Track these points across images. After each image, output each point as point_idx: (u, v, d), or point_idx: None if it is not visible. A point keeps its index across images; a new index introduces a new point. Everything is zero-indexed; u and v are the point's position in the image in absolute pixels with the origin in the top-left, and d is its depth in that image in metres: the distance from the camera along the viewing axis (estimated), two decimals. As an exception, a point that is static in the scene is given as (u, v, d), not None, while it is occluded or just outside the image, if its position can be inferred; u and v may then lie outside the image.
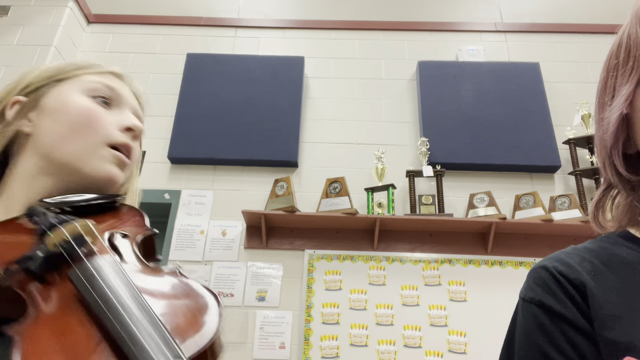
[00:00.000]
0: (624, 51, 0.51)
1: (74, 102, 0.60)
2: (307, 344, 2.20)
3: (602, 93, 0.54)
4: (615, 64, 0.52)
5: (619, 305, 0.46)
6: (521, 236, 2.41)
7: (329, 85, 2.88)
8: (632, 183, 0.52)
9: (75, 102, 0.61)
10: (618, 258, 0.50)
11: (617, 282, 0.48)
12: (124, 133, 0.62)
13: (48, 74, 0.64)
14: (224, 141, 2.60)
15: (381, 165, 2.46)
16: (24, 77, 0.64)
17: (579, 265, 0.50)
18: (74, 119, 0.59)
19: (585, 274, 0.49)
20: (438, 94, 2.73)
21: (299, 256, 2.41)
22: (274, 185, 2.47)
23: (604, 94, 0.53)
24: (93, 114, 0.60)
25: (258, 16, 3.11)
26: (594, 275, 0.49)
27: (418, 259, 2.38)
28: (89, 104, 0.61)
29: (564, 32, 2.99)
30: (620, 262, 0.50)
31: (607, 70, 0.54)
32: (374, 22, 3.08)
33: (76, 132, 0.59)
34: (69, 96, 0.61)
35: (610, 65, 0.53)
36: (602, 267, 0.50)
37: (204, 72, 2.80)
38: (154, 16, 3.08)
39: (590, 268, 0.50)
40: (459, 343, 2.18)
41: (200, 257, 2.41)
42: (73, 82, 0.63)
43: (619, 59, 0.52)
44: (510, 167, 2.55)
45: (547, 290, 0.50)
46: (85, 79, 0.63)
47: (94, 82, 0.62)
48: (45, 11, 2.81)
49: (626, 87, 0.49)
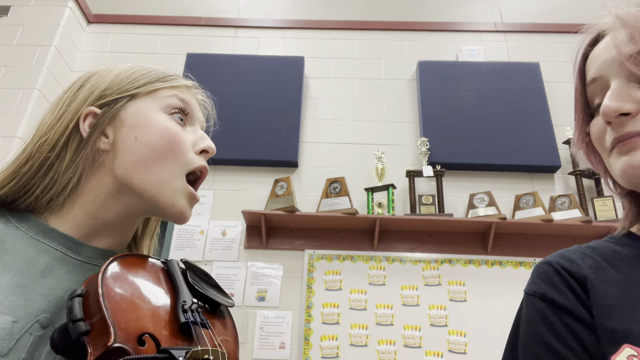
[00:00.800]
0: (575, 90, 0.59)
1: (156, 121, 0.57)
2: (307, 344, 2.20)
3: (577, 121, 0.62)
4: (575, 98, 0.60)
5: (618, 296, 0.48)
6: (521, 236, 2.41)
7: (329, 85, 2.88)
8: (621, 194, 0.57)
9: (157, 121, 0.57)
10: (619, 255, 0.53)
11: (616, 276, 0.50)
12: (199, 155, 0.60)
13: (123, 85, 0.59)
14: (224, 141, 2.60)
15: (381, 165, 2.46)
16: (95, 84, 0.59)
17: (580, 261, 0.53)
18: (156, 141, 0.56)
19: (586, 268, 0.52)
20: (438, 94, 2.73)
21: (299, 256, 2.41)
22: (274, 185, 2.47)
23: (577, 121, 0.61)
24: (174, 136, 0.57)
25: (258, 16, 3.11)
26: (595, 269, 0.51)
27: (418, 259, 2.38)
28: (169, 125, 0.57)
29: (564, 32, 2.99)
30: (621, 258, 0.52)
31: (575, 100, 0.61)
32: (374, 22, 3.08)
33: (157, 157, 0.55)
34: (149, 114, 0.57)
35: (575, 96, 0.61)
36: (603, 263, 0.52)
37: (204, 72, 2.80)
38: (154, 16, 3.08)
39: (591, 263, 0.52)
40: (459, 343, 2.18)
41: (200, 257, 2.41)
42: (152, 98, 0.59)
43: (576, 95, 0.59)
44: (510, 167, 2.55)
45: (550, 283, 0.52)
46: (162, 94, 0.59)
47: (170, 96, 0.59)
48: (45, 11, 2.81)
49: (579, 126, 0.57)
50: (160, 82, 0.60)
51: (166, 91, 0.60)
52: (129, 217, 0.58)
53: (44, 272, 0.51)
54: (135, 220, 0.60)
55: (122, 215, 0.57)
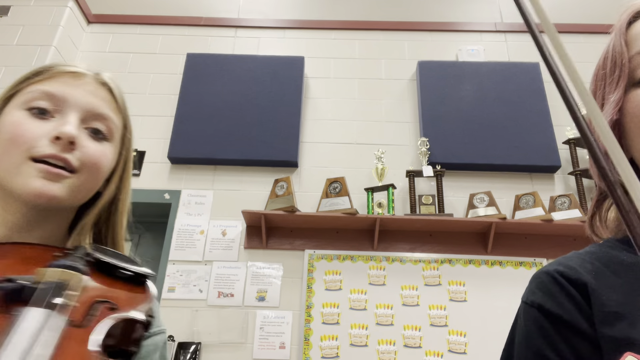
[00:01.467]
0: (610, 62, 0.54)
1: (7, 120, 0.57)
2: (307, 344, 2.20)
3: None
4: (602, 74, 0.55)
5: (620, 303, 0.47)
6: (521, 236, 2.41)
7: (329, 85, 2.88)
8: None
9: (7, 120, 0.57)
10: (618, 260, 0.51)
11: (617, 282, 0.49)
12: (53, 143, 0.56)
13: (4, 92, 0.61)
14: (224, 141, 2.60)
15: (381, 165, 2.46)
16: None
17: (580, 267, 0.51)
18: (2, 137, 0.56)
19: (586, 274, 0.50)
20: (438, 94, 2.73)
21: (299, 256, 2.41)
22: (274, 185, 2.47)
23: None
24: (17, 128, 0.56)
25: (258, 16, 3.11)
26: (594, 275, 0.50)
27: (418, 259, 2.38)
28: (16, 120, 0.57)
29: (564, 32, 2.99)
30: (620, 263, 0.51)
31: (596, 82, 0.57)
32: (374, 22, 3.08)
33: (3, 152, 0.56)
34: (7, 115, 0.58)
35: (598, 77, 0.56)
36: (603, 268, 0.51)
37: (204, 72, 2.80)
38: (154, 16, 3.08)
39: (590, 268, 0.51)
40: (459, 343, 2.18)
41: (200, 257, 2.41)
42: (18, 97, 0.59)
43: (606, 70, 0.55)
44: (510, 167, 2.55)
45: (548, 294, 0.51)
46: (26, 90, 0.59)
47: (32, 92, 0.59)
48: (45, 11, 2.81)
49: (615, 94, 0.51)
50: (32, 78, 0.61)
51: (33, 86, 0.59)
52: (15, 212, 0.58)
53: None
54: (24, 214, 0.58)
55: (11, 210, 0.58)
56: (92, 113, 0.60)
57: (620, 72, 0.52)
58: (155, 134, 2.70)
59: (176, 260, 2.40)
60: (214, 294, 2.32)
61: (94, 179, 0.60)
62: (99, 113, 0.61)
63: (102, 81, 0.64)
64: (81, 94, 0.60)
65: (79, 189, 0.58)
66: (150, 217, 2.68)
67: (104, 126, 0.61)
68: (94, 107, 0.61)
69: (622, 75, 0.52)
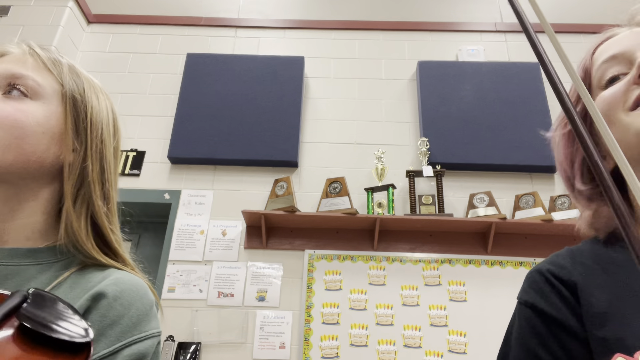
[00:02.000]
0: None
1: None
2: (307, 344, 2.20)
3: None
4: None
5: (609, 303, 0.47)
6: (521, 236, 2.41)
7: (329, 85, 2.88)
8: (585, 194, 0.56)
9: None
10: (609, 258, 0.52)
11: (607, 280, 0.50)
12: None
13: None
14: (224, 141, 2.60)
15: (381, 165, 2.46)
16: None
17: (571, 266, 0.53)
18: None
19: (577, 274, 0.52)
20: (438, 94, 2.73)
21: (299, 256, 2.41)
22: (274, 185, 2.47)
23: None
24: None
25: (258, 16, 3.11)
26: (585, 275, 0.51)
27: (418, 259, 2.38)
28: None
29: (564, 32, 2.99)
30: (611, 261, 0.52)
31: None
32: (374, 22, 3.08)
33: None
34: None
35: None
36: (594, 266, 0.52)
37: (204, 72, 2.80)
38: (154, 16, 3.08)
39: (581, 269, 0.52)
40: (459, 343, 2.18)
41: (200, 257, 2.41)
42: None
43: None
44: (510, 167, 2.55)
45: (540, 293, 0.53)
46: None
47: None
48: (45, 11, 2.81)
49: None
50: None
51: None
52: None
53: None
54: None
55: None
56: (5, 76, 0.58)
57: (589, 87, 0.56)
58: (155, 134, 2.70)
59: (176, 260, 2.40)
60: (214, 294, 2.32)
61: (11, 135, 0.56)
62: (12, 74, 0.59)
63: (28, 51, 0.63)
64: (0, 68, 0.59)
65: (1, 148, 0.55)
66: (150, 217, 2.68)
67: (21, 85, 0.59)
68: (6, 71, 0.59)
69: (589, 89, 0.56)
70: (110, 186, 0.64)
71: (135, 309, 0.56)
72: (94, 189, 0.61)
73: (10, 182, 0.58)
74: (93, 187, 0.61)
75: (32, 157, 0.57)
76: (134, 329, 0.55)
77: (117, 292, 0.56)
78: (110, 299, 0.55)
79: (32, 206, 0.60)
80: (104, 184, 0.63)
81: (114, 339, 0.53)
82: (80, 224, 0.60)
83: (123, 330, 0.54)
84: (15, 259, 0.57)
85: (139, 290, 0.59)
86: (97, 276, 0.58)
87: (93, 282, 0.57)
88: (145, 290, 0.60)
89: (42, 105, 0.59)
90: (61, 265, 0.59)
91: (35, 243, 0.60)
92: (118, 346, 0.52)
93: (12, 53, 0.62)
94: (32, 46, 0.64)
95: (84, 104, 0.63)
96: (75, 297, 0.55)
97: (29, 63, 0.61)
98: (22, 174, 0.58)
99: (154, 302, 0.61)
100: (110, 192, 0.64)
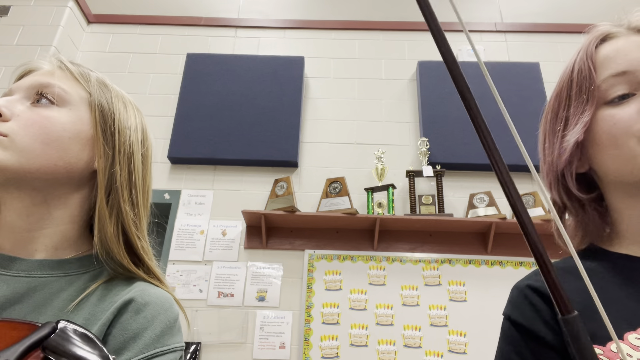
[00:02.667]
0: (576, 86, 0.59)
1: None
2: (307, 344, 2.20)
3: (552, 122, 0.62)
4: (566, 96, 0.60)
5: (582, 305, 0.51)
6: (521, 236, 2.39)
7: (329, 85, 2.88)
8: (582, 202, 0.60)
9: None
10: (585, 267, 0.56)
11: (580, 285, 0.53)
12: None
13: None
14: (224, 141, 2.60)
15: (381, 165, 2.46)
16: None
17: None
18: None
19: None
20: (438, 94, 2.73)
21: (299, 256, 2.41)
22: (274, 185, 2.47)
23: (554, 122, 0.62)
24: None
25: (258, 16, 3.11)
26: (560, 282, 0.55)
27: (418, 259, 2.38)
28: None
29: (564, 32, 2.99)
30: (586, 269, 0.55)
31: (559, 101, 0.62)
32: (374, 22, 3.07)
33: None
34: None
35: (561, 96, 0.61)
36: (568, 276, 0.56)
37: (204, 72, 2.80)
38: (154, 16, 3.08)
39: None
40: (459, 343, 2.18)
41: (200, 257, 2.41)
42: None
43: (571, 93, 0.59)
44: (510, 167, 2.53)
45: (515, 305, 0.58)
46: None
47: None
48: (45, 11, 2.81)
49: (584, 116, 0.56)
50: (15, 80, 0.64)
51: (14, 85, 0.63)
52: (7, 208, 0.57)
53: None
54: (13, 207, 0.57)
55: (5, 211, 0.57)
56: (34, 87, 0.60)
57: (588, 96, 0.57)
58: (155, 134, 2.70)
59: (176, 260, 2.40)
60: (214, 294, 2.32)
61: (37, 141, 0.56)
62: (40, 84, 0.60)
63: (58, 64, 0.64)
64: (28, 79, 0.61)
65: (26, 153, 0.55)
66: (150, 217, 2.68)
67: (48, 93, 0.60)
68: (35, 82, 0.60)
69: (590, 99, 0.56)
70: (137, 192, 0.64)
71: (159, 322, 0.56)
72: (121, 194, 0.62)
73: (39, 189, 0.58)
74: (121, 192, 0.62)
75: (60, 163, 0.58)
76: (157, 342, 0.54)
77: (142, 304, 0.56)
78: (134, 311, 0.55)
79: (61, 214, 0.60)
80: (132, 189, 0.63)
81: (137, 351, 0.53)
82: (112, 230, 0.60)
83: (146, 343, 0.54)
84: (44, 271, 0.57)
85: (164, 304, 0.58)
86: (123, 289, 0.58)
87: (120, 295, 0.57)
88: (171, 304, 0.59)
89: (69, 112, 0.60)
90: (90, 277, 0.60)
91: (64, 253, 0.60)
92: (140, 358, 0.52)
93: (42, 68, 0.63)
94: (62, 60, 0.65)
95: (111, 111, 0.64)
96: (102, 310, 0.55)
97: (57, 74, 0.62)
98: (50, 180, 0.58)
99: (178, 315, 0.60)
100: (138, 199, 0.65)
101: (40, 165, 0.56)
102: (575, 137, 0.56)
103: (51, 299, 0.55)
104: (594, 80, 0.56)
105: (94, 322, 0.54)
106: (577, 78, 0.59)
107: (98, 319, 0.54)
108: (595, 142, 0.57)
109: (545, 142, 0.65)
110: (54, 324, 0.43)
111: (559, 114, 0.61)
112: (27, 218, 0.57)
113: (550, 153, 0.62)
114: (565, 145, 0.58)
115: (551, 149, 0.62)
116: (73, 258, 0.60)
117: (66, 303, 0.55)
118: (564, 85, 0.61)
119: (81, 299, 0.56)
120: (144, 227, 0.66)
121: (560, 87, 0.62)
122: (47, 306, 0.55)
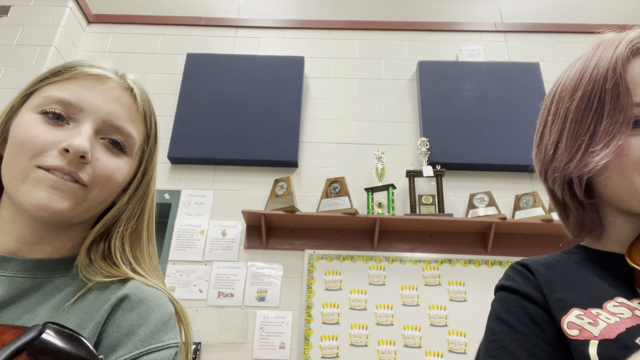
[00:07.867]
0: (611, 101, 0.54)
1: (19, 121, 0.55)
2: (307, 344, 2.20)
3: (576, 124, 0.58)
4: (597, 107, 0.56)
5: (564, 281, 0.59)
6: (521, 236, 2.41)
7: (329, 85, 2.88)
8: (583, 203, 0.64)
9: (20, 121, 0.55)
10: (568, 258, 0.65)
11: (564, 270, 0.62)
12: (62, 155, 0.52)
13: (22, 90, 0.58)
14: (224, 141, 2.60)
15: (381, 165, 2.46)
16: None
17: (535, 262, 0.65)
18: (12, 141, 0.54)
19: (539, 266, 0.64)
20: (438, 94, 2.73)
21: (299, 256, 2.41)
22: (274, 185, 2.47)
23: (579, 126, 0.58)
24: (25, 133, 0.53)
25: (258, 16, 3.10)
26: (546, 266, 0.63)
27: (418, 259, 2.38)
28: (28, 122, 0.54)
29: (564, 32, 2.99)
30: (569, 260, 0.64)
31: (589, 108, 0.57)
32: (374, 22, 3.08)
33: (12, 156, 0.53)
34: (21, 115, 0.56)
35: (591, 103, 0.56)
36: (554, 263, 0.64)
37: (204, 72, 2.80)
38: (154, 16, 3.08)
39: (543, 261, 0.65)
40: (459, 343, 2.18)
41: (200, 257, 2.41)
42: (34, 97, 0.56)
43: (605, 106, 0.55)
44: (510, 167, 2.55)
45: (508, 277, 0.65)
46: (43, 92, 0.56)
47: (47, 96, 0.55)
48: (45, 11, 2.81)
49: (618, 140, 0.53)
50: (50, 78, 0.57)
51: (48, 88, 0.56)
52: (22, 225, 0.55)
53: None
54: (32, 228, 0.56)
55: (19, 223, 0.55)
56: (110, 124, 0.57)
57: (623, 119, 0.53)
58: (155, 134, 2.70)
59: (176, 260, 2.40)
60: (214, 294, 2.32)
61: (106, 194, 0.57)
62: (118, 126, 0.57)
63: (126, 86, 0.60)
64: (100, 101, 0.57)
65: (89, 204, 0.55)
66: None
67: (123, 139, 0.58)
68: (112, 118, 0.57)
69: (625, 122, 0.53)
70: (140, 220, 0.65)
71: (154, 318, 0.56)
72: (121, 223, 0.62)
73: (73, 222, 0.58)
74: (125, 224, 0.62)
75: (103, 207, 0.60)
76: (151, 339, 0.54)
77: (136, 301, 0.56)
78: (128, 308, 0.55)
79: (73, 236, 0.60)
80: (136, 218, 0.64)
81: (131, 347, 0.52)
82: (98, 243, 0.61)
83: (141, 339, 0.53)
84: (40, 271, 0.57)
85: (158, 300, 0.58)
86: (118, 287, 0.58)
87: (115, 293, 0.57)
88: (164, 301, 0.59)
89: (129, 162, 0.60)
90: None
91: (59, 253, 0.60)
92: (135, 354, 0.52)
93: (108, 82, 0.59)
94: (131, 85, 0.61)
95: (152, 157, 0.65)
96: (97, 309, 0.55)
97: (129, 108, 0.60)
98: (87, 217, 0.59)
99: (173, 312, 0.60)
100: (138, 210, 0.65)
101: (94, 213, 0.58)
102: (605, 160, 0.55)
103: (47, 298, 0.55)
104: (631, 103, 0.54)
105: (89, 321, 0.54)
106: (611, 91, 0.55)
107: (93, 318, 0.54)
108: (621, 166, 0.56)
109: (560, 142, 0.62)
110: (40, 327, 0.43)
111: (585, 120, 0.57)
112: (38, 233, 0.57)
113: (567, 156, 0.60)
114: (591, 160, 0.56)
115: (568, 153, 0.60)
116: (69, 258, 0.60)
117: (62, 303, 0.55)
118: (595, 92, 0.57)
119: (77, 298, 0.55)
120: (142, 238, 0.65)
121: (590, 92, 0.57)
122: (42, 306, 0.54)
